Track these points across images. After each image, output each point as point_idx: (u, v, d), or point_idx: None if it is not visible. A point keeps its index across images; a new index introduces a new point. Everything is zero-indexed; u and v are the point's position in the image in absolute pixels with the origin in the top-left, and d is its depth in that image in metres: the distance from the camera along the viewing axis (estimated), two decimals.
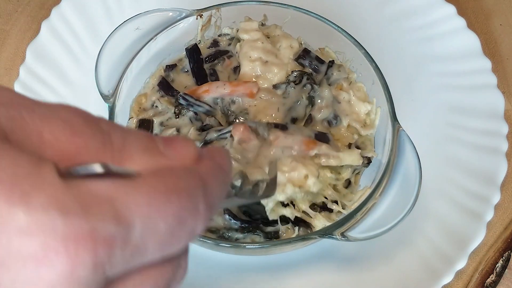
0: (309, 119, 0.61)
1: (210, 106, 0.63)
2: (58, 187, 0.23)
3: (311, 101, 0.61)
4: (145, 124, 0.63)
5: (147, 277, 0.26)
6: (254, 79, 0.63)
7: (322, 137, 0.59)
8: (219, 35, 0.70)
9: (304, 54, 0.65)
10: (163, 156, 0.28)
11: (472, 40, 0.73)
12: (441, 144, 0.68)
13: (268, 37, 0.67)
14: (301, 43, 0.67)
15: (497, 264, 0.63)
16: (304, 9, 0.66)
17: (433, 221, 0.63)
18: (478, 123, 0.68)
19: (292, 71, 0.64)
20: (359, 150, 0.60)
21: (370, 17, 0.76)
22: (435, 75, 0.72)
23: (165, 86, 0.66)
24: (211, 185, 0.28)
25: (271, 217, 0.57)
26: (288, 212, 0.57)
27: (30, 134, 0.24)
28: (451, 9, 0.75)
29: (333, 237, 0.53)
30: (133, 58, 0.63)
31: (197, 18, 0.67)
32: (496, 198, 0.63)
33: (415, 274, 0.60)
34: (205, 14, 0.67)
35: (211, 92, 0.63)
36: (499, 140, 0.66)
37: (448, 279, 0.59)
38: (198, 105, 0.62)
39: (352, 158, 0.59)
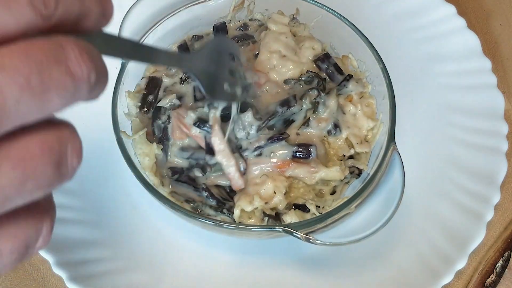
0: (306, 123, 0.61)
1: None
2: None
3: (315, 106, 0.61)
4: (153, 81, 0.65)
5: (33, 138, 0.26)
6: (267, 71, 0.64)
7: (303, 153, 0.59)
8: (250, 19, 0.70)
9: (324, 57, 0.66)
10: None
11: (472, 40, 0.73)
12: (441, 144, 0.68)
13: (295, 35, 0.67)
14: (324, 49, 0.68)
15: (497, 264, 0.63)
16: (337, 13, 0.65)
17: (433, 221, 0.63)
18: (478, 123, 0.68)
19: (307, 71, 0.64)
20: (338, 168, 0.60)
21: (370, 16, 0.76)
22: (435, 75, 0.72)
23: (183, 50, 0.68)
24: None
25: (238, 221, 0.58)
26: (254, 221, 0.57)
27: None
28: (451, 9, 0.75)
29: (295, 235, 0.52)
30: (161, 21, 0.64)
31: None
32: (496, 198, 0.63)
33: (415, 274, 0.60)
34: None
35: None
36: (499, 140, 0.66)
37: (448, 279, 0.59)
38: None
39: (332, 174, 0.59)
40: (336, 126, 0.62)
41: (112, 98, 0.59)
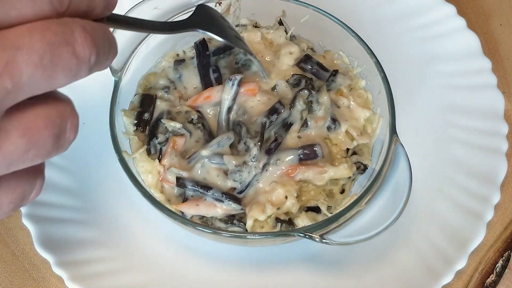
0: (305, 124, 0.61)
1: (201, 113, 0.64)
2: None
3: (309, 106, 0.61)
4: (147, 99, 0.64)
5: (39, 111, 0.30)
6: (256, 78, 0.64)
7: (309, 154, 0.60)
8: (236, 25, 0.69)
9: (305, 59, 0.65)
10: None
11: (472, 40, 0.73)
12: (441, 144, 0.68)
13: (272, 43, 0.67)
14: (304, 50, 0.67)
15: (497, 264, 0.63)
16: (323, 11, 0.65)
17: (433, 221, 0.63)
18: (478, 123, 0.68)
19: (292, 74, 0.64)
20: (346, 165, 0.60)
21: (370, 16, 0.76)
22: (435, 75, 0.72)
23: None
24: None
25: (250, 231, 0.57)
26: (267, 229, 0.57)
27: None
28: (451, 9, 0.74)
29: (311, 238, 0.52)
30: (148, 35, 0.63)
31: (215, 6, 0.66)
32: (496, 198, 0.63)
33: (415, 274, 0.60)
34: (224, 3, 0.67)
35: (213, 98, 0.63)
36: (499, 140, 0.66)
37: (448, 279, 0.59)
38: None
39: (340, 172, 0.59)
40: (334, 120, 0.62)
41: (109, 118, 0.58)
